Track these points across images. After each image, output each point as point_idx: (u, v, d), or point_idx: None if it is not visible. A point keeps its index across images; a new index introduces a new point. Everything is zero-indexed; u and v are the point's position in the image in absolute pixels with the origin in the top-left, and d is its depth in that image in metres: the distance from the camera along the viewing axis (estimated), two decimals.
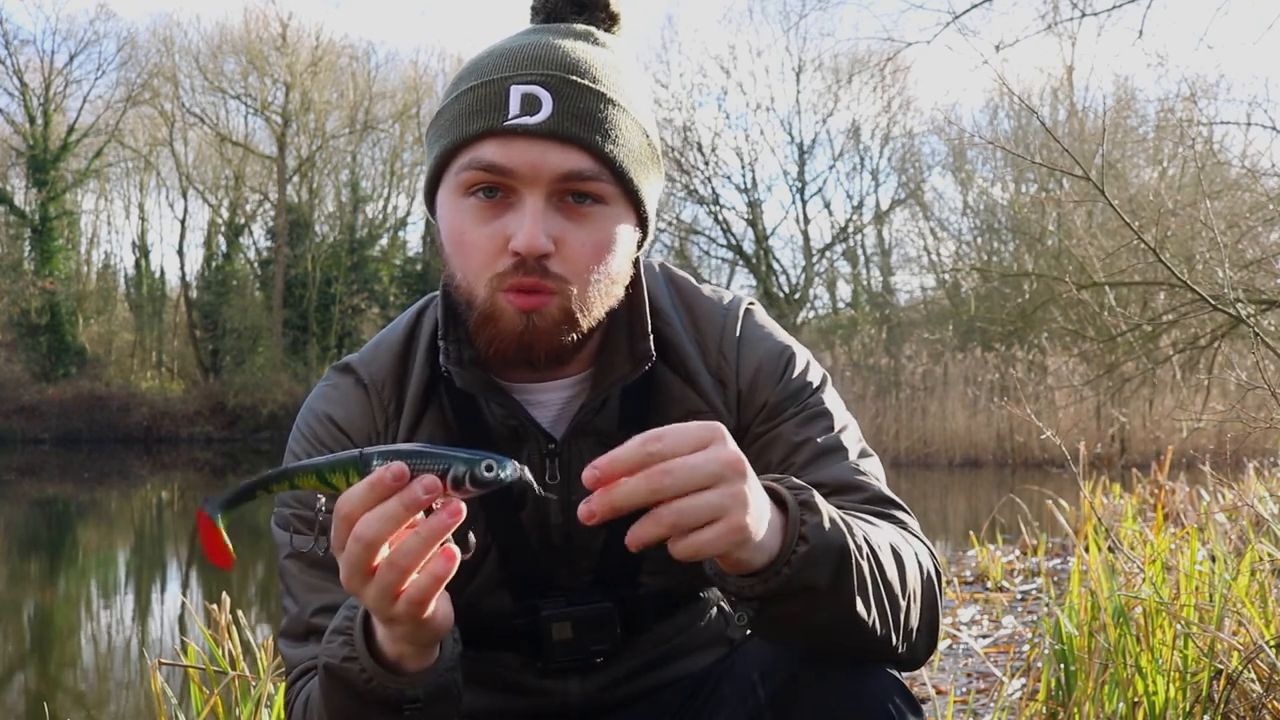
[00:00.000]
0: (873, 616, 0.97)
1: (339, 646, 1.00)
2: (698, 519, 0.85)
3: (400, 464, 0.86)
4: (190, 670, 2.30)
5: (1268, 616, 2.29)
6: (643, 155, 1.15)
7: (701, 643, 1.28)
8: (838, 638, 0.98)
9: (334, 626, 1.03)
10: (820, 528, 0.92)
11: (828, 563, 0.92)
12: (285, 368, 28.16)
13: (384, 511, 0.87)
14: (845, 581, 0.94)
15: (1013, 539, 6.83)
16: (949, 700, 2.56)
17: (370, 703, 0.99)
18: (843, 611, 0.95)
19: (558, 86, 1.09)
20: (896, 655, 1.04)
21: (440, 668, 1.00)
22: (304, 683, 1.14)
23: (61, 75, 29.09)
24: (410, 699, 0.99)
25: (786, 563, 0.91)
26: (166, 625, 6.28)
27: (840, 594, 0.94)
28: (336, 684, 1.01)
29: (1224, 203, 7.68)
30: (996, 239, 22.99)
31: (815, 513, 0.93)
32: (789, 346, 1.25)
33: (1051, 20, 7.86)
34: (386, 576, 0.89)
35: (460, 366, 1.16)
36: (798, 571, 0.91)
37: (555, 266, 1.09)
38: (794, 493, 0.94)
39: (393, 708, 0.99)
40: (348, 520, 0.88)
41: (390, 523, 0.87)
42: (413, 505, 0.87)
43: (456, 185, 1.12)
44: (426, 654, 0.99)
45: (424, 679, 0.99)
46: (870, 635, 0.98)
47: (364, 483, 0.87)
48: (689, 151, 24.95)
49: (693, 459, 0.86)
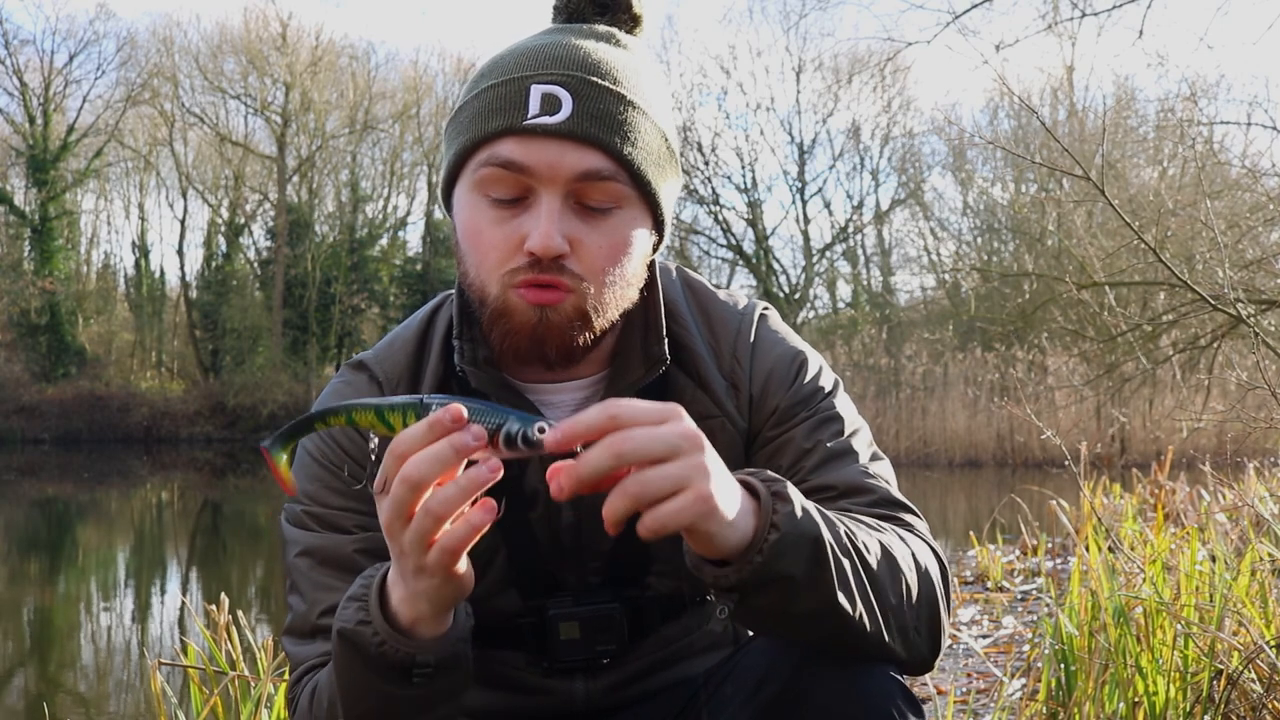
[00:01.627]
0: (859, 611, 0.97)
1: (354, 611, 1.01)
2: (661, 490, 0.86)
3: (459, 406, 0.88)
4: (190, 670, 2.30)
5: (1268, 616, 2.29)
6: (660, 157, 1.14)
7: (707, 645, 1.28)
8: (823, 632, 0.98)
9: (350, 594, 1.03)
10: (792, 516, 0.92)
11: (801, 552, 0.93)
12: (285, 368, 28.17)
13: (433, 453, 0.88)
14: (822, 572, 0.94)
15: (1013, 539, 6.83)
16: (949, 700, 2.56)
17: (380, 668, 0.99)
18: (823, 603, 0.95)
19: (578, 87, 1.09)
20: (894, 655, 1.03)
21: (453, 636, 1.01)
22: (309, 679, 1.14)
23: (61, 75, 29.13)
24: (420, 664, 0.99)
25: (759, 550, 0.91)
26: (166, 625, 6.28)
27: (817, 585, 0.94)
28: (348, 648, 1.01)
29: (1224, 203, 7.67)
30: (996, 239, 23.00)
31: (787, 502, 0.93)
32: (801, 352, 1.25)
33: (1051, 20, 7.87)
34: (423, 522, 0.90)
35: (475, 366, 1.17)
36: (770, 560, 0.91)
37: (571, 266, 1.09)
38: (767, 484, 0.94)
39: (402, 673, 0.99)
40: (400, 458, 0.90)
41: (438, 465, 0.88)
42: (462, 450, 0.88)
43: (474, 182, 1.12)
44: (442, 619, 0.99)
45: (436, 646, 1.00)
46: (859, 631, 0.98)
47: (423, 422, 0.89)
48: (689, 151, 24.95)
49: (653, 429, 0.87)
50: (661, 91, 1.18)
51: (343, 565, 1.16)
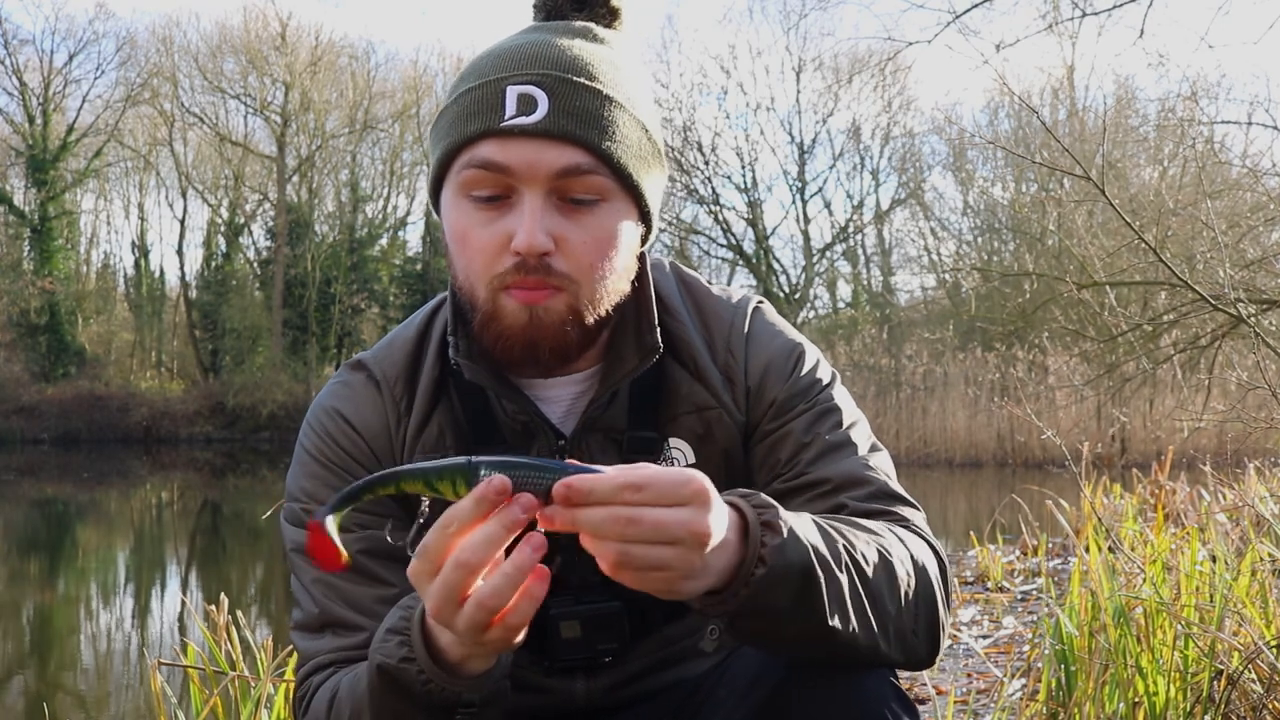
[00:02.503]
0: (851, 627, 0.97)
1: (395, 647, 1.00)
2: (643, 564, 0.87)
3: (503, 478, 0.87)
4: (190, 670, 2.29)
5: (1268, 617, 2.29)
6: (643, 150, 1.14)
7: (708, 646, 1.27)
8: (814, 650, 0.99)
9: (389, 626, 1.02)
10: (780, 550, 0.92)
11: (789, 584, 0.93)
12: (285, 368, 28.17)
13: (485, 535, 0.87)
14: (812, 600, 0.94)
15: (1013, 539, 6.82)
16: (949, 700, 2.56)
17: (424, 705, 0.99)
18: (813, 628, 0.95)
19: (553, 86, 1.09)
20: (891, 661, 1.04)
21: (497, 673, 1.01)
22: (322, 677, 1.14)
23: (61, 75, 29.13)
24: (466, 703, 0.99)
25: (745, 584, 0.91)
26: (166, 625, 6.28)
27: (807, 613, 0.94)
28: (389, 684, 1.00)
29: (1225, 202, 7.68)
30: (997, 239, 23.01)
31: (776, 534, 0.93)
32: (799, 344, 1.25)
33: (1052, 20, 7.86)
34: (475, 615, 0.89)
35: (470, 360, 1.16)
36: (756, 594, 0.91)
37: (558, 264, 1.09)
38: (758, 511, 0.94)
39: (445, 711, 0.99)
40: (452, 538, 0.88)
41: (493, 547, 0.87)
42: (513, 526, 0.87)
43: (458, 185, 1.12)
44: (491, 658, 0.99)
45: (481, 684, 0.99)
46: (852, 645, 0.99)
47: (469, 500, 0.88)
48: (689, 151, 24.94)
49: (663, 516, 0.86)
50: (642, 84, 1.18)
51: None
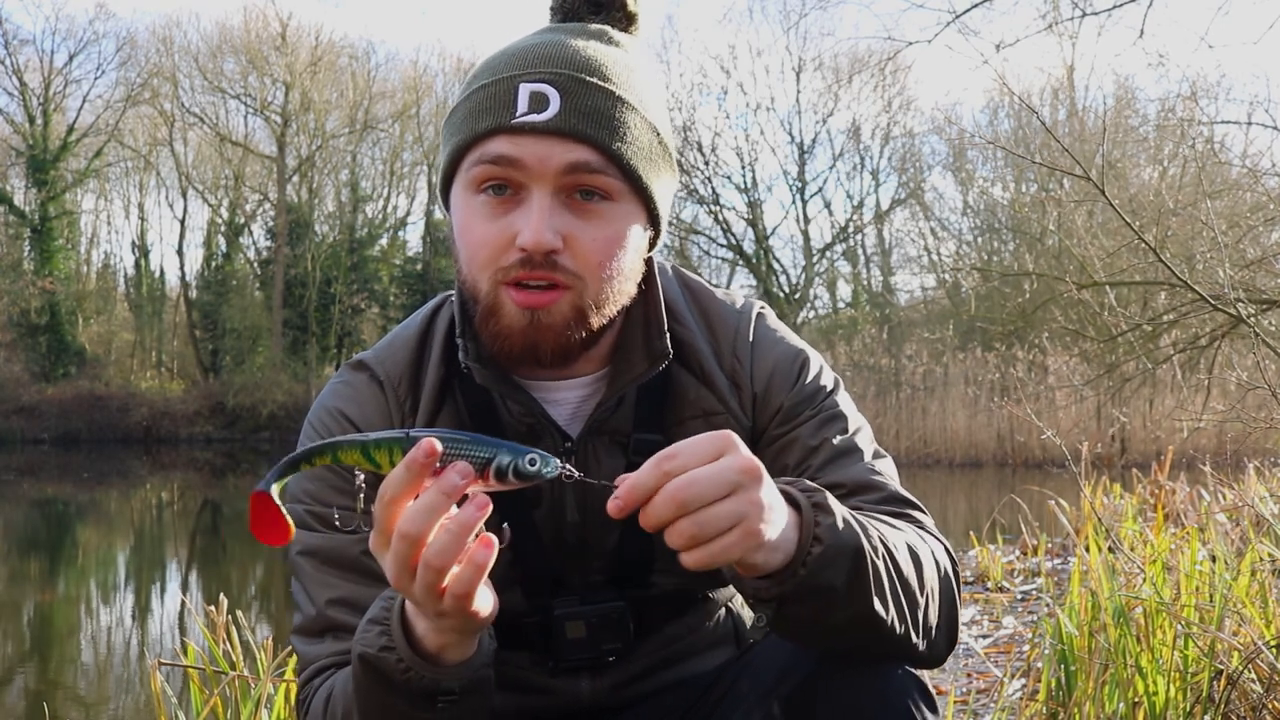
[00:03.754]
0: (891, 615, 0.98)
1: (375, 636, 1.00)
2: (717, 528, 0.87)
3: (431, 441, 0.87)
4: (190, 670, 2.29)
5: (1268, 616, 2.29)
6: (653, 153, 1.15)
7: (710, 643, 1.28)
8: (857, 637, 0.99)
9: (370, 616, 1.03)
10: (834, 529, 0.93)
11: (843, 563, 0.94)
12: (285, 368, 28.16)
13: (425, 504, 0.88)
14: (862, 581, 0.95)
15: (1013, 539, 6.82)
16: (949, 700, 2.56)
17: (405, 694, 0.99)
18: (860, 611, 0.96)
19: (566, 85, 1.10)
20: (917, 653, 1.04)
21: (477, 662, 1.01)
22: (321, 680, 1.14)
23: (61, 75, 29.13)
24: (445, 691, 0.99)
25: (802, 564, 0.92)
26: (166, 625, 6.28)
27: (857, 594, 0.95)
28: (371, 673, 1.01)
29: (1225, 202, 7.68)
30: (997, 239, 23.01)
31: (829, 514, 0.94)
32: (803, 350, 1.26)
33: (1052, 20, 7.85)
34: (427, 576, 0.89)
35: (480, 363, 1.16)
36: (814, 573, 0.92)
37: (565, 262, 1.09)
38: (807, 495, 0.95)
39: (427, 699, 0.99)
40: (390, 503, 0.89)
41: (432, 514, 0.88)
42: (451, 492, 0.87)
43: (468, 181, 1.12)
44: (468, 645, 1.00)
45: (461, 671, 1.00)
46: (890, 634, 0.99)
47: (400, 466, 0.88)
48: (689, 151, 24.95)
49: (711, 468, 0.87)
50: (655, 89, 1.18)
51: (346, 565, 1.16)
